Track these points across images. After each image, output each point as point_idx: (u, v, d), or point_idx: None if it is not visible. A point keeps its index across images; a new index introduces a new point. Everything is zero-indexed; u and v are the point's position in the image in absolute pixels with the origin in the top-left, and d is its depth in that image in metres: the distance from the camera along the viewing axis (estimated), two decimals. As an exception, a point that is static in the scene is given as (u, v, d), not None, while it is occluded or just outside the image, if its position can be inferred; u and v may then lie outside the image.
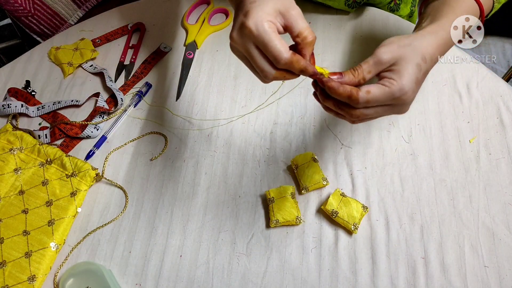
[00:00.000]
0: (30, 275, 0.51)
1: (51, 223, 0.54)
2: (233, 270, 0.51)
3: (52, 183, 0.57)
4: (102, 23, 0.75)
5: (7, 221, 0.55)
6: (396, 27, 0.71)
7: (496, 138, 0.59)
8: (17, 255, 0.52)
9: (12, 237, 0.54)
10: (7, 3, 0.84)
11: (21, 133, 0.60)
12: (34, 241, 0.53)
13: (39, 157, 0.59)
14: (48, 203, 0.56)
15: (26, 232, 0.54)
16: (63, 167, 0.58)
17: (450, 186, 0.55)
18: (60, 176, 0.58)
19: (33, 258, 0.52)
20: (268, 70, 0.38)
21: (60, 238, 0.54)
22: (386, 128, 0.60)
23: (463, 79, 0.64)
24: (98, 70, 0.68)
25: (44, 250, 0.52)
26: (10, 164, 0.58)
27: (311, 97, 0.64)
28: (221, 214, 0.55)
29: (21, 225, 0.54)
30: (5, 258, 0.52)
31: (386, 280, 0.50)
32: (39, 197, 0.56)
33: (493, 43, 1.50)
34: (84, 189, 0.57)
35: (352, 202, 0.53)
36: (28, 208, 0.56)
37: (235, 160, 0.59)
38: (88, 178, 0.57)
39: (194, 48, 0.70)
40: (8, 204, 0.56)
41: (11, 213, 0.55)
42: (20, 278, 0.51)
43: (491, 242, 0.51)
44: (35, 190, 0.57)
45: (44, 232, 0.54)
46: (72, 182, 0.57)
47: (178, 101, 0.65)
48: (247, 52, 0.38)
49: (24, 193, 0.57)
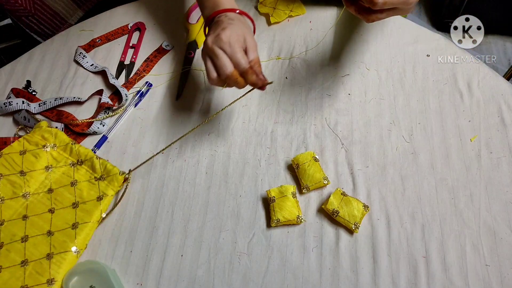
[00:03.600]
0: (49, 278, 0.50)
1: (75, 226, 0.53)
2: (234, 269, 0.51)
3: (81, 185, 0.56)
4: (102, 23, 0.75)
5: (33, 219, 0.54)
6: (393, 20, 0.71)
7: (497, 137, 0.59)
8: (39, 255, 0.51)
9: (36, 236, 0.53)
10: (8, 3, 0.84)
11: (56, 130, 0.60)
12: (57, 243, 0.52)
13: (70, 156, 0.58)
14: (75, 205, 0.55)
15: (50, 232, 0.53)
16: (93, 169, 0.57)
17: (451, 185, 0.55)
18: (88, 178, 0.57)
19: (54, 261, 0.51)
20: (228, 66, 0.49)
21: (82, 243, 0.53)
22: (387, 127, 0.60)
23: (464, 77, 0.64)
24: (99, 69, 0.68)
25: (66, 253, 0.51)
26: (42, 161, 0.58)
27: (311, 96, 0.64)
28: (222, 213, 0.55)
29: (46, 225, 0.53)
30: (28, 257, 0.51)
31: (387, 279, 0.50)
32: (66, 198, 0.55)
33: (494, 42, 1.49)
34: (111, 194, 0.56)
35: (353, 201, 0.53)
36: (55, 208, 0.55)
37: (235, 159, 0.59)
38: (115, 183, 0.56)
39: (195, 48, 0.70)
40: (37, 201, 0.55)
41: (38, 211, 0.54)
42: (39, 280, 0.50)
43: (492, 241, 0.51)
44: (63, 190, 0.56)
45: (67, 235, 0.52)
46: (99, 185, 0.56)
47: (178, 100, 0.65)
48: (215, 53, 0.49)
49: (53, 191, 0.56)
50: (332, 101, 0.63)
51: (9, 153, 0.58)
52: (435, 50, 0.67)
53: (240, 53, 0.49)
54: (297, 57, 0.68)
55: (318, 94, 0.64)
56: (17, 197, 0.55)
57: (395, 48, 0.68)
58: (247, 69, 0.49)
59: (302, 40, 0.70)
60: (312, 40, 0.70)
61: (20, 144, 0.59)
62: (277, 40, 0.70)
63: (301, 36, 0.70)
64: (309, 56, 0.68)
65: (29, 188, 0.56)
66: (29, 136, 0.59)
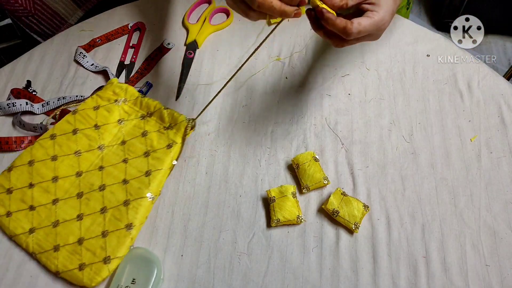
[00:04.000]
0: (128, 223, 0.53)
1: (148, 173, 0.55)
2: (234, 269, 0.51)
3: (151, 135, 0.59)
4: (102, 23, 0.75)
5: (108, 169, 0.57)
6: (397, 26, 0.71)
7: (497, 137, 0.59)
8: (117, 203, 0.54)
9: (113, 184, 0.56)
10: (8, 3, 0.84)
11: (126, 86, 0.63)
12: (133, 190, 0.55)
13: (140, 109, 0.61)
14: (146, 153, 0.57)
15: (126, 181, 0.56)
16: (161, 119, 0.59)
17: (451, 185, 0.55)
18: (158, 128, 0.59)
19: (131, 207, 0.53)
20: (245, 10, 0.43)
21: (156, 189, 0.55)
22: (387, 127, 0.60)
23: (464, 77, 0.64)
24: (99, 69, 0.68)
25: (141, 199, 0.54)
26: (115, 115, 0.61)
27: (311, 96, 0.64)
28: (222, 213, 0.55)
29: (121, 174, 0.56)
30: (106, 204, 0.54)
31: (387, 279, 0.50)
32: (138, 148, 0.58)
33: (494, 42, 1.49)
34: (179, 142, 0.58)
35: (353, 201, 0.53)
36: (128, 158, 0.57)
37: (235, 159, 0.59)
38: (182, 129, 0.58)
39: (195, 48, 0.70)
40: (111, 153, 0.58)
41: (112, 161, 0.58)
42: (118, 225, 0.53)
43: (493, 241, 0.51)
44: (135, 141, 0.59)
45: (141, 182, 0.55)
46: (168, 134, 0.58)
47: (178, 100, 0.65)
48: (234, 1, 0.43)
49: (125, 143, 0.59)
50: (332, 101, 0.63)
51: (84, 109, 0.61)
52: (435, 50, 0.67)
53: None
54: (297, 57, 0.68)
55: (318, 94, 0.64)
56: (93, 150, 0.59)
57: (395, 48, 0.68)
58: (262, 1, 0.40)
59: (302, 40, 0.70)
60: (312, 40, 0.70)
61: (93, 100, 0.62)
62: (277, 40, 0.70)
63: (301, 36, 0.70)
64: (309, 56, 0.68)
65: (103, 140, 0.59)
66: (102, 92, 0.63)
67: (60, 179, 0.56)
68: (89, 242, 0.52)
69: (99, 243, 0.52)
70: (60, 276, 0.51)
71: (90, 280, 0.49)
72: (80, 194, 0.55)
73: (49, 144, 0.59)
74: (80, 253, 0.51)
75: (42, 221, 0.54)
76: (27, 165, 0.57)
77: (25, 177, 0.57)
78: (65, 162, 0.58)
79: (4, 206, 0.55)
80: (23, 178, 0.57)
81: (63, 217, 0.54)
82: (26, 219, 0.54)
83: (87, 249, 0.52)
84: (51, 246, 0.52)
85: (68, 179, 0.57)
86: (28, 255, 0.53)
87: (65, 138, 0.59)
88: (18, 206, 0.55)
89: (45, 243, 0.52)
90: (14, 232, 0.53)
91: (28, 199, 0.55)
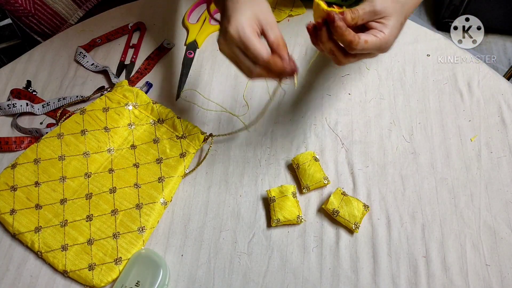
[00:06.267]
0: (140, 226, 0.53)
1: (161, 179, 0.56)
2: (234, 269, 0.51)
3: (163, 142, 0.59)
4: (102, 23, 0.75)
5: (119, 172, 0.57)
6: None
7: (497, 137, 0.59)
8: (128, 205, 0.55)
9: (123, 187, 0.56)
10: (8, 3, 0.84)
11: (137, 90, 0.62)
12: (145, 195, 0.55)
13: (151, 115, 0.61)
14: (159, 160, 0.58)
15: (137, 185, 0.56)
16: (174, 128, 0.60)
17: (451, 184, 0.55)
18: (170, 136, 0.60)
19: (143, 211, 0.54)
20: (251, 67, 0.43)
21: (168, 195, 0.56)
22: (387, 127, 0.60)
23: (464, 77, 0.64)
24: (100, 69, 0.68)
25: (154, 204, 0.55)
26: (125, 119, 0.61)
27: (311, 96, 0.64)
28: (222, 213, 0.55)
29: (132, 178, 0.57)
30: (117, 207, 0.55)
31: (387, 279, 0.50)
32: (150, 154, 0.59)
33: (494, 42, 1.49)
34: (193, 152, 0.58)
35: (353, 201, 0.53)
36: (139, 162, 0.58)
37: (236, 159, 0.59)
38: (196, 141, 0.58)
39: (195, 48, 0.70)
40: (121, 156, 0.59)
41: (123, 165, 0.58)
42: (130, 228, 0.53)
43: (493, 240, 0.51)
44: (146, 146, 0.59)
45: (154, 188, 0.56)
46: (181, 143, 0.58)
47: (178, 100, 0.65)
48: (233, 54, 0.44)
49: (136, 148, 0.59)
50: (332, 101, 0.63)
51: (92, 109, 0.61)
52: (435, 50, 0.67)
53: (256, 44, 0.42)
54: (297, 57, 0.68)
55: (318, 94, 0.64)
56: (102, 152, 0.59)
57: (395, 48, 0.68)
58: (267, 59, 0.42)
59: (302, 40, 0.70)
60: (312, 40, 0.70)
61: (102, 101, 0.62)
62: (277, 40, 0.70)
63: (301, 36, 0.70)
64: (309, 56, 0.68)
65: (113, 143, 0.59)
66: (111, 94, 0.62)
67: (68, 179, 0.56)
68: (100, 242, 0.52)
69: (110, 244, 0.52)
70: (68, 275, 0.51)
71: (100, 280, 0.50)
72: (89, 195, 0.56)
73: (56, 143, 0.59)
74: (89, 253, 0.51)
75: (49, 220, 0.54)
76: (32, 163, 0.57)
77: (30, 175, 0.57)
78: (73, 163, 0.58)
79: (7, 203, 0.55)
80: (28, 176, 0.57)
81: (72, 217, 0.54)
82: (32, 218, 0.54)
83: (98, 249, 0.52)
84: (59, 246, 0.52)
85: (77, 179, 0.57)
86: (28, 255, 0.53)
87: (73, 138, 0.59)
88: (23, 204, 0.55)
89: (53, 242, 0.52)
90: (19, 230, 0.53)
91: (34, 198, 0.55)
